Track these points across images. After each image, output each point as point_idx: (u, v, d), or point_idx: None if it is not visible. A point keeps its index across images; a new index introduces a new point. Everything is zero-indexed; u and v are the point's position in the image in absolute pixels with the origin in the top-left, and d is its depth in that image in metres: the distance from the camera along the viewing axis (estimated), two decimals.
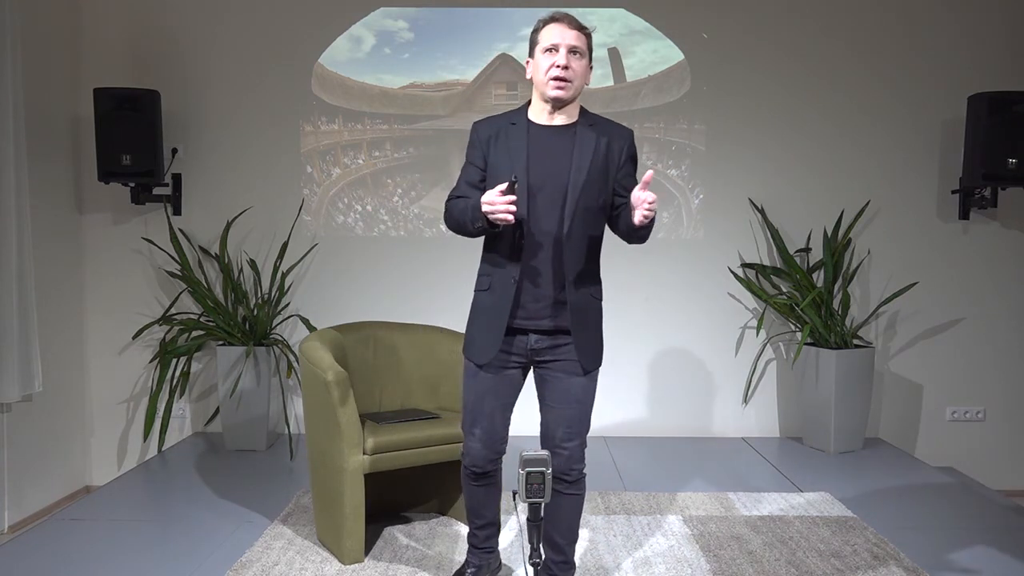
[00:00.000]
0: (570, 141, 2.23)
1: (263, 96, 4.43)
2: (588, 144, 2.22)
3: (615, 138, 2.27)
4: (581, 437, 2.32)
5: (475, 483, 2.44)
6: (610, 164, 2.25)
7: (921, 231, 4.47)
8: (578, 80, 2.21)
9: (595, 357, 2.34)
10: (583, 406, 2.32)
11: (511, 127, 2.27)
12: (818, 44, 4.43)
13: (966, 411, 4.50)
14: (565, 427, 2.30)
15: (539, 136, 2.24)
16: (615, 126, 2.30)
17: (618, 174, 2.28)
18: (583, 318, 2.29)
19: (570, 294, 2.25)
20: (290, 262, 4.39)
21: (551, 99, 2.21)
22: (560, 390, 2.31)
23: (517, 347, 2.31)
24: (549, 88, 2.19)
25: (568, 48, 2.17)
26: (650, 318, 4.51)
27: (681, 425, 4.53)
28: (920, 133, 4.44)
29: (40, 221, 3.91)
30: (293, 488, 3.58)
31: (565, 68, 2.16)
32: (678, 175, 4.50)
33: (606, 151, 2.24)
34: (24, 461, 3.81)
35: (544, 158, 2.22)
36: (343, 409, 2.70)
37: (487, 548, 2.59)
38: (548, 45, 2.19)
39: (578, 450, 2.32)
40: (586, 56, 2.22)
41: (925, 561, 2.82)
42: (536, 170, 2.21)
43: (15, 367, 3.58)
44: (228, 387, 4.11)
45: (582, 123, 2.26)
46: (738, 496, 3.51)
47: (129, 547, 2.95)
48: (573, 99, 2.24)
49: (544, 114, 2.26)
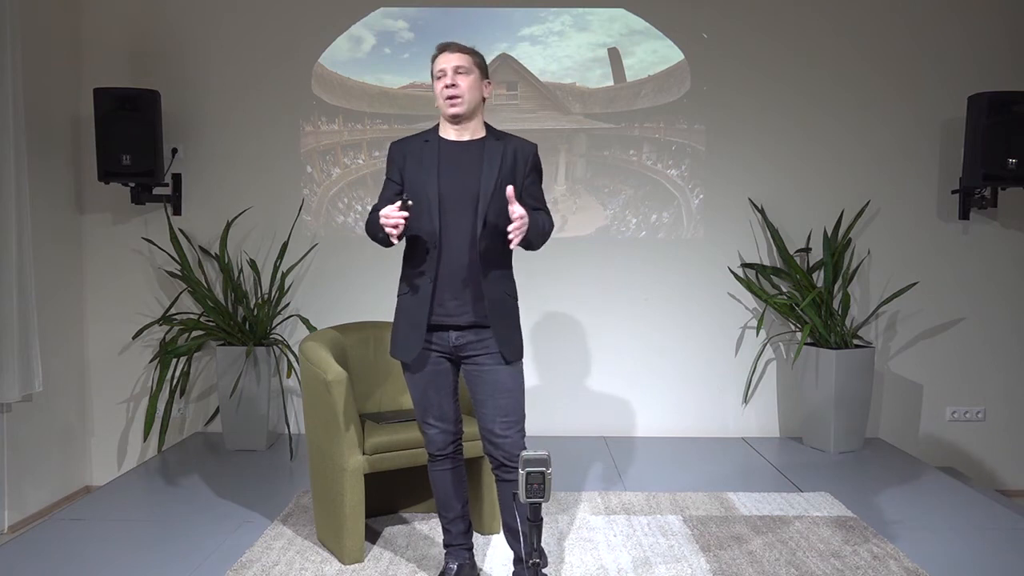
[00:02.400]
0: (479, 154, 2.45)
1: (263, 96, 4.44)
2: (495, 156, 2.44)
3: (520, 150, 2.48)
4: (519, 424, 2.47)
5: (438, 466, 2.59)
6: (516, 174, 2.45)
7: (921, 231, 4.47)
8: (468, 94, 2.42)
9: (515, 349, 2.47)
10: (514, 394, 2.46)
11: (424, 144, 2.49)
12: (818, 44, 4.43)
13: (966, 411, 4.50)
14: (501, 417, 2.43)
15: (449, 151, 2.46)
16: (520, 140, 2.52)
17: (524, 182, 2.47)
18: (500, 312, 2.44)
19: (487, 290, 2.41)
20: (290, 262, 4.39)
21: (450, 116, 2.44)
22: (489, 382, 2.44)
23: (439, 343, 2.47)
24: (447, 107, 2.44)
25: (453, 69, 2.41)
26: (650, 318, 4.51)
27: (681, 425, 4.53)
28: (920, 133, 4.45)
29: (40, 221, 3.92)
30: (293, 488, 3.58)
31: (453, 86, 2.41)
32: (678, 175, 4.50)
33: (512, 162, 2.45)
34: (24, 461, 3.81)
35: (455, 170, 2.43)
36: (343, 409, 2.71)
37: (463, 545, 2.64)
38: (437, 72, 2.45)
39: (518, 436, 2.46)
40: (474, 72, 2.44)
41: (925, 561, 2.82)
42: (448, 182, 2.42)
43: (15, 367, 3.58)
44: (228, 387, 4.11)
45: (489, 138, 2.49)
46: (738, 496, 3.51)
47: (129, 547, 2.95)
48: (470, 113, 2.45)
49: (452, 131, 2.48)
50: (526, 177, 2.48)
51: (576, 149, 4.49)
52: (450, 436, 2.57)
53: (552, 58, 4.47)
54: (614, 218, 4.51)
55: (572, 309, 4.50)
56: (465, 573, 2.63)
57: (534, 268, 4.41)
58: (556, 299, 4.49)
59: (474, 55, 2.48)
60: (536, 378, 4.47)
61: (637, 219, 4.51)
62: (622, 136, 4.49)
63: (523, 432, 2.49)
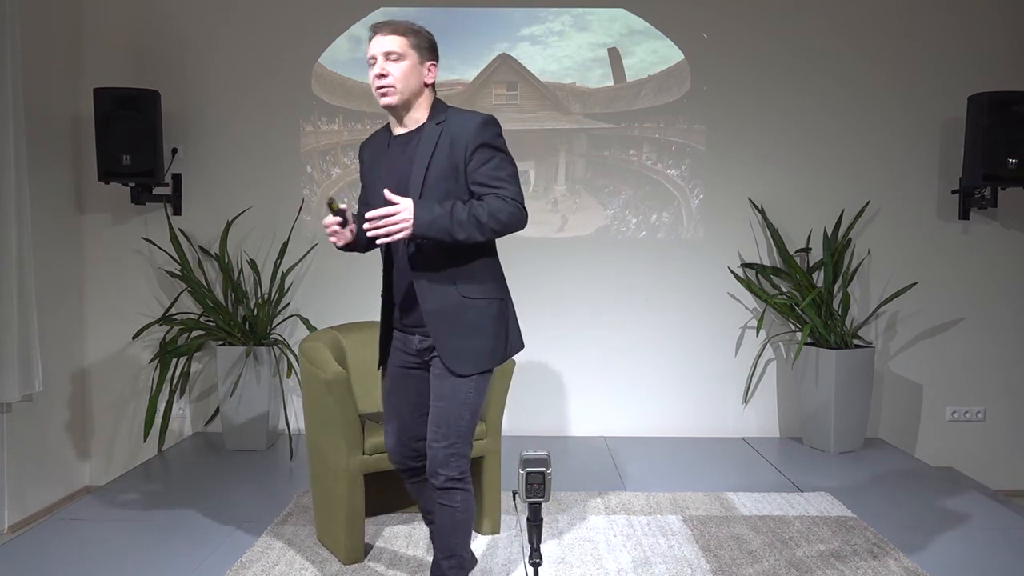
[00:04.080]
0: (413, 147, 2.20)
1: (263, 96, 4.43)
2: (427, 146, 2.17)
3: (461, 131, 2.16)
4: (449, 439, 2.18)
5: (408, 481, 2.46)
6: (456, 158, 2.15)
7: (921, 231, 4.47)
8: (402, 82, 2.16)
9: (462, 360, 2.18)
10: (449, 404, 2.19)
11: (382, 142, 2.31)
12: (818, 44, 4.43)
13: (966, 411, 4.50)
14: (433, 426, 2.21)
15: (393, 147, 2.25)
16: (464, 118, 2.19)
17: (469, 166, 2.16)
18: (451, 323, 2.18)
19: (422, 296, 2.18)
20: (290, 262, 4.39)
21: (384, 107, 2.21)
22: (434, 388, 2.23)
23: (408, 347, 2.32)
24: (377, 97, 2.20)
25: (383, 55, 2.16)
26: (650, 318, 4.51)
27: (681, 425, 4.53)
28: (920, 133, 4.44)
29: (40, 221, 3.92)
30: (293, 488, 3.58)
31: (383, 76, 2.16)
32: (678, 175, 4.50)
33: (449, 147, 2.15)
34: (24, 461, 3.81)
35: (394, 168, 2.22)
36: (343, 409, 2.70)
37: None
38: (369, 59, 2.20)
39: (443, 452, 2.18)
40: (409, 57, 2.16)
41: (925, 561, 2.82)
42: (390, 181, 2.19)
43: (15, 367, 3.58)
44: (228, 387, 4.11)
45: (428, 124, 2.21)
46: (738, 496, 3.51)
47: (129, 547, 2.95)
48: (405, 102, 2.19)
49: (398, 126, 2.26)
50: (468, 160, 2.15)
51: (576, 149, 4.49)
52: (407, 451, 2.37)
53: (552, 58, 4.47)
54: (614, 218, 4.51)
55: (572, 309, 4.50)
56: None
57: (534, 268, 4.43)
58: (556, 299, 4.49)
59: (410, 35, 2.18)
60: (536, 378, 4.47)
61: (637, 219, 4.51)
62: (622, 136, 4.49)
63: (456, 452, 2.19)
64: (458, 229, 2.07)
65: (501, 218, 2.11)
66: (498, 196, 2.13)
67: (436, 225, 2.06)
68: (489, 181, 2.15)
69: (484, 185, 2.15)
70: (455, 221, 2.07)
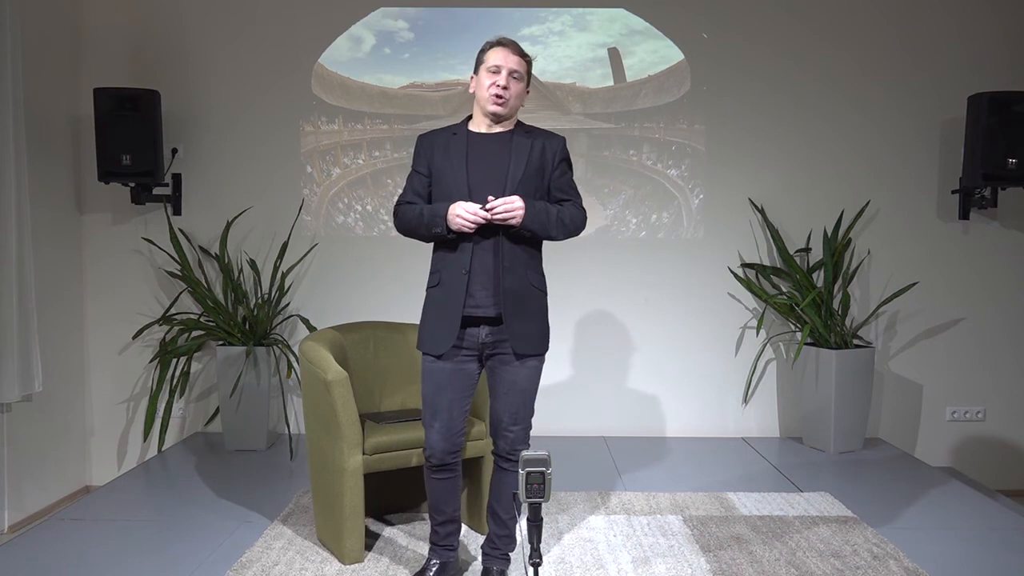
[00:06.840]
0: (507, 146, 2.50)
1: (263, 96, 4.43)
2: (523, 147, 2.49)
3: (549, 143, 2.54)
4: (526, 422, 2.57)
5: (435, 475, 2.58)
6: (545, 165, 2.52)
7: (921, 231, 4.47)
8: (514, 100, 2.49)
9: (531, 343, 2.51)
10: (526, 394, 2.54)
11: (452, 137, 2.53)
12: (818, 44, 4.43)
13: (966, 411, 4.50)
14: (511, 413, 2.52)
15: (478, 143, 2.51)
16: (549, 134, 2.58)
17: (553, 174, 2.54)
18: (520, 305, 2.48)
19: (504, 277, 2.44)
20: (290, 262, 4.39)
21: (490, 113, 2.48)
22: (507, 381, 2.51)
23: (469, 341, 2.49)
24: (489, 103, 2.46)
25: (509, 71, 2.45)
26: (650, 318, 4.51)
27: (681, 425, 4.53)
28: (920, 133, 4.45)
29: (40, 221, 3.92)
30: (293, 488, 3.58)
31: (504, 88, 2.45)
32: (678, 175, 4.50)
33: (540, 154, 2.51)
34: (24, 461, 3.81)
35: (483, 161, 2.48)
36: (343, 409, 2.71)
37: (447, 546, 2.65)
38: (492, 66, 2.46)
39: (522, 433, 2.56)
40: (524, 80, 2.50)
41: (925, 561, 2.82)
42: (476, 172, 2.47)
43: (15, 367, 3.58)
44: (228, 387, 4.11)
45: (518, 131, 2.54)
46: (738, 496, 3.51)
47: (129, 547, 2.95)
48: (510, 116, 2.52)
49: (483, 126, 2.53)
50: (555, 169, 2.54)
51: (576, 149, 4.49)
52: (450, 447, 2.54)
53: (552, 58, 4.47)
54: (614, 218, 4.51)
55: (572, 309, 4.50)
56: (449, 571, 2.64)
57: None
58: (555, 299, 4.41)
59: (528, 63, 2.52)
60: None
61: (637, 219, 4.52)
62: (622, 136, 4.49)
63: (528, 427, 2.58)
64: (552, 226, 2.47)
65: (577, 224, 2.55)
66: (575, 205, 2.56)
67: (538, 219, 2.43)
68: (568, 191, 2.57)
69: (564, 193, 2.56)
70: (551, 220, 2.47)
